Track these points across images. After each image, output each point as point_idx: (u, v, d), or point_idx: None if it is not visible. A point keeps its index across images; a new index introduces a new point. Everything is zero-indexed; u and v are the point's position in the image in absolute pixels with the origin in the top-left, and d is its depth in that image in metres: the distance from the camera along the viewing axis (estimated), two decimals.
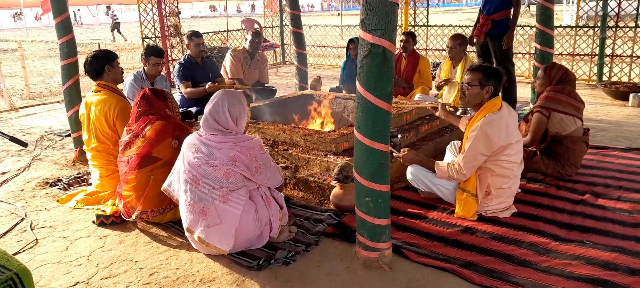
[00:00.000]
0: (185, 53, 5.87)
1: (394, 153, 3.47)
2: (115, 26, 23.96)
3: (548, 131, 3.83)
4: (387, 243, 2.69)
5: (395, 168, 3.82)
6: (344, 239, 2.99)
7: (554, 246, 2.85)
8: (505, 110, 3.17)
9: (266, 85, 6.29)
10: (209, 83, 5.20)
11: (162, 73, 5.20)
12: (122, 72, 3.96)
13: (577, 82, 8.34)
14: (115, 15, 24.66)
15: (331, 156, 3.81)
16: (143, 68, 4.97)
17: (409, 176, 3.54)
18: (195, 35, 5.48)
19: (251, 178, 2.82)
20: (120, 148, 3.35)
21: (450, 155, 3.76)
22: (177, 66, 5.47)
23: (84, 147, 3.89)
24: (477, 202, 3.18)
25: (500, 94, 3.23)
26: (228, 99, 2.85)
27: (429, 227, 3.12)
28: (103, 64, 3.78)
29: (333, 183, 3.44)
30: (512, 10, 5.80)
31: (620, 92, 6.84)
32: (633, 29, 8.01)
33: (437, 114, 3.92)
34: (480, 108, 3.20)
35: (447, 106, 3.89)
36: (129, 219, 3.24)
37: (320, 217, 3.27)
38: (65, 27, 4.54)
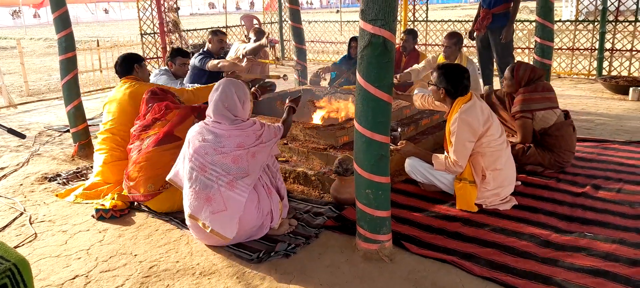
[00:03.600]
0: (201, 47, 5.73)
1: (391, 146, 3.47)
2: None
3: (534, 130, 3.87)
4: (387, 235, 2.69)
5: (396, 161, 3.81)
6: (344, 232, 2.98)
7: (555, 238, 2.84)
8: (475, 99, 3.25)
9: (267, 80, 6.26)
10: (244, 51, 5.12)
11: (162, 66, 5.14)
12: (149, 75, 4.19)
13: (576, 76, 8.36)
14: None
15: (331, 150, 3.80)
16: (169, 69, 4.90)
17: (407, 168, 3.54)
18: (220, 32, 5.46)
19: (264, 142, 2.86)
20: (136, 132, 3.44)
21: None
22: (198, 57, 5.30)
23: (98, 132, 3.94)
24: (477, 188, 3.18)
25: (469, 91, 3.27)
26: (233, 84, 2.94)
27: (430, 220, 3.12)
28: (132, 64, 3.99)
29: (333, 176, 3.43)
30: (512, 4, 5.79)
31: (620, 86, 6.83)
32: (633, 24, 7.99)
33: None
34: (453, 104, 3.27)
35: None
36: (140, 202, 3.33)
37: (320, 210, 3.26)
38: (63, 21, 4.52)
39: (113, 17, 47.55)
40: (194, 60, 5.31)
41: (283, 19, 11.52)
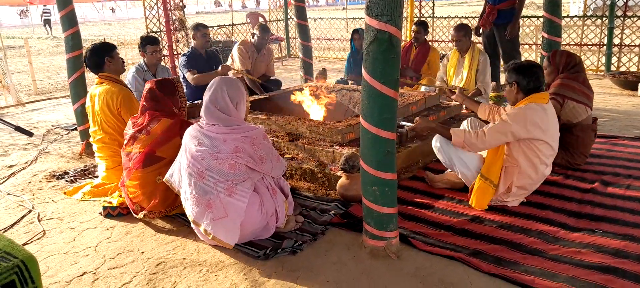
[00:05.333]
0: (190, 46, 5.88)
1: (406, 126, 3.41)
2: (47, 22, 26.71)
3: (559, 119, 3.78)
4: (394, 232, 2.68)
5: (402, 158, 3.79)
6: (351, 229, 2.98)
7: (563, 234, 2.82)
8: (550, 106, 3.14)
9: (272, 77, 6.27)
10: (221, 66, 5.24)
11: (167, 66, 5.20)
12: (123, 63, 3.97)
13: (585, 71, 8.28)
14: (46, 12, 27.37)
15: (337, 147, 3.79)
16: (143, 60, 4.98)
17: (435, 143, 3.42)
18: (202, 26, 5.54)
19: (255, 168, 2.80)
20: (124, 141, 3.32)
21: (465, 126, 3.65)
22: (182, 58, 5.50)
23: (91, 139, 3.90)
24: (495, 193, 3.13)
25: (543, 89, 3.14)
26: (226, 84, 2.83)
27: (437, 216, 3.10)
28: (102, 56, 3.79)
29: (339, 173, 3.43)
30: (517, 0, 5.76)
31: (629, 81, 6.77)
32: None
33: (453, 97, 3.90)
34: (525, 99, 3.13)
35: (458, 89, 3.94)
36: (136, 216, 3.22)
37: (326, 207, 3.26)
38: (70, 20, 4.54)
39: (119, 15, 47.80)
40: (180, 63, 5.46)
41: (289, 17, 11.51)
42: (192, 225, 2.88)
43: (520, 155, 3.11)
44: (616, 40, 7.98)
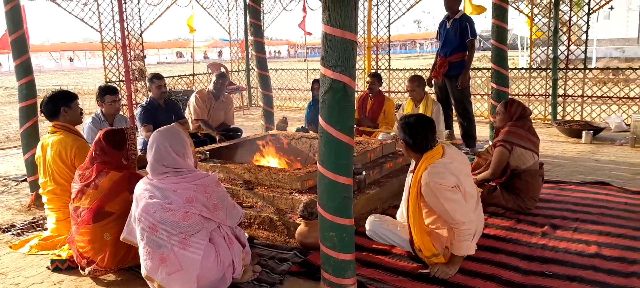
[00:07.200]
0: (148, 96, 5.83)
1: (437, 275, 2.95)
2: None
3: (508, 165, 3.94)
4: (352, 278, 2.67)
5: (360, 204, 3.83)
6: (309, 277, 2.96)
7: (516, 278, 2.89)
8: (446, 159, 2.96)
9: (232, 126, 6.29)
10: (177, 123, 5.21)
11: (126, 114, 5.13)
12: (81, 113, 3.86)
13: (533, 121, 8.70)
14: None
15: (296, 194, 3.80)
16: (100, 110, 4.87)
17: (368, 233, 3.36)
18: (156, 77, 5.49)
19: (209, 217, 2.74)
20: (72, 195, 3.15)
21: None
22: (139, 109, 5.43)
23: (41, 191, 3.75)
24: (444, 256, 3.04)
25: (435, 144, 3.03)
26: (167, 139, 2.77)
27: (394, 262, 3.13)
28: (59, 106, 3.68)
29: (298, 220, 3.42)
30: (467, 52, 6.08)
31: (574, 129, 7.15)
32: (582, 71, 8.46)
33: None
34: (420, 160, 3.02)
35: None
36: (82, 273, 3.06)
37: (285, 256, 3.23)
38: (25, 69, 4.46)
39: (78, 65, 47.09)
40: (136, 115, 5.44)
41: (250, 67, 11.66)
42: (146, 281, 2.77)
43: (441, 220, 3.02)
44: (560, 91, 8.47)
